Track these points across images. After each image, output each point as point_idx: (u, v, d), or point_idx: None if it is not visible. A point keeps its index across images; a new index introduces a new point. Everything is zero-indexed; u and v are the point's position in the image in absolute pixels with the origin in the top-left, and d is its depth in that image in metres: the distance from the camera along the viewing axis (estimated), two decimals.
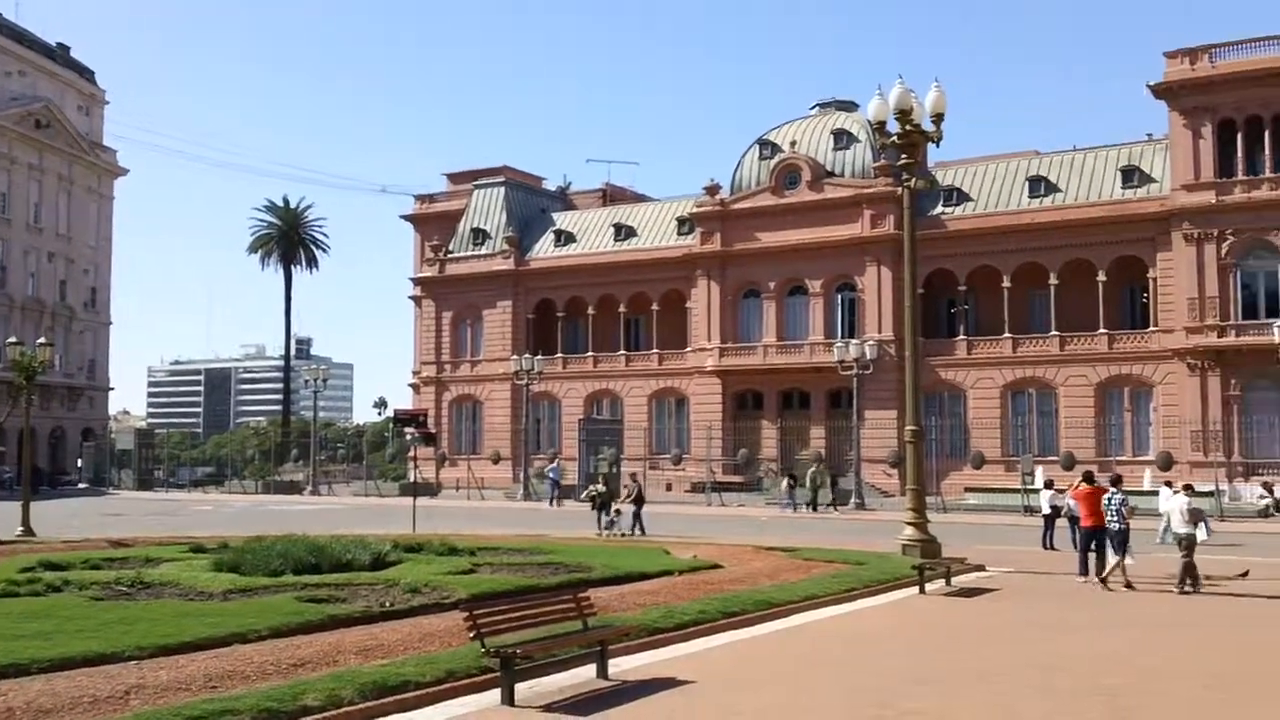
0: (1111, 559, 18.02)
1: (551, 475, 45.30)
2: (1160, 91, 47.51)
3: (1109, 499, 18.25)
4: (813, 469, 41.87)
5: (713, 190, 58.70)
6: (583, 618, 10.59)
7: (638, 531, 28.21)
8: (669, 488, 52.42)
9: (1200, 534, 17.49)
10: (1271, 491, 36.61)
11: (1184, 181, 46.90)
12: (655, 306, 60.42)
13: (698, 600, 14.33)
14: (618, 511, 29.19)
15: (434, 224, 71.72)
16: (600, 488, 30.63)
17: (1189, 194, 46.65)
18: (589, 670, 10.32)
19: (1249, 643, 13.05)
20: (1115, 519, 18.00)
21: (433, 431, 64.91)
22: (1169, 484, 19.96)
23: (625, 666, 10.84)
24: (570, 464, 52.50)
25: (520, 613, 10.16)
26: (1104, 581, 17.77)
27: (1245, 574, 18.64)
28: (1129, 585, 17.71)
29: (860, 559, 19.78)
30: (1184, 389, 46.38)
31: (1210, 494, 36.83)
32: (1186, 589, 17.13)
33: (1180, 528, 17.61)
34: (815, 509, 39.91)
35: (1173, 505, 18.08)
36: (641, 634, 11.98)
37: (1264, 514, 34.54)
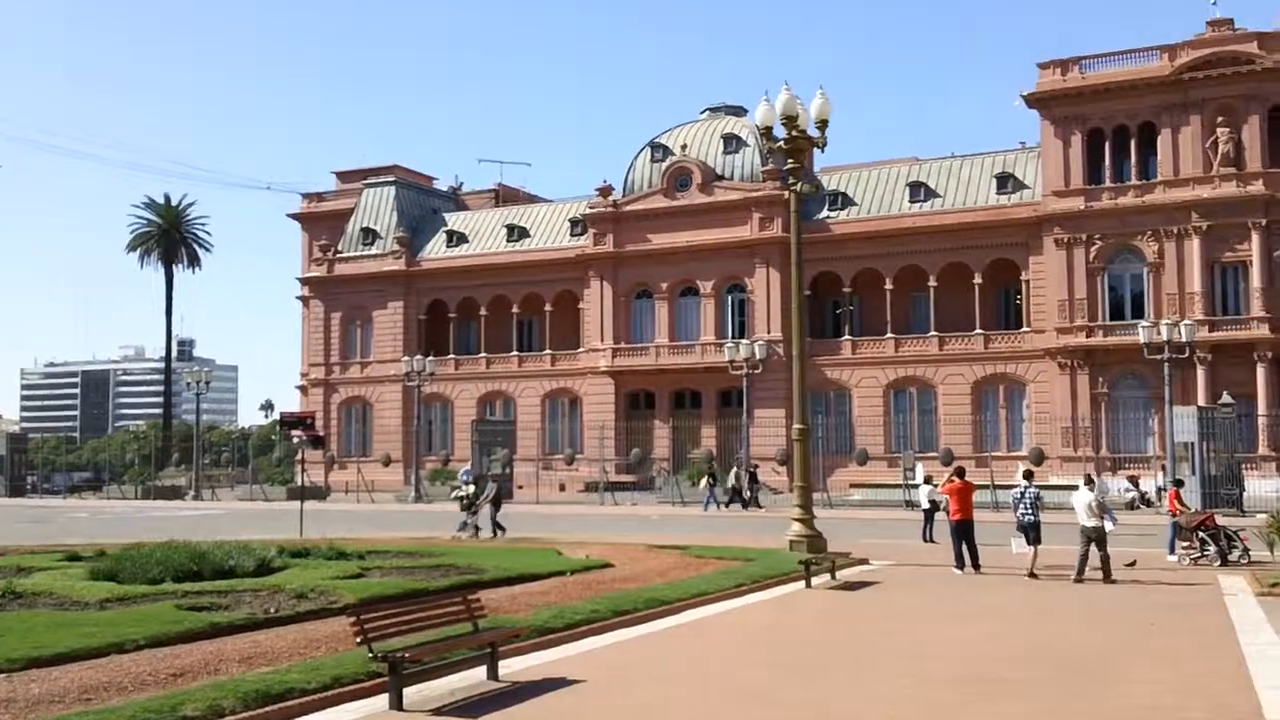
0: (1024, 548, 18.78)
1: (463, 478, 44.29)
2: (1033, 101, 49.41)
3: (1022, 493, 19.15)
4: (736, 469, 42.43)
5: (605, 192, 59.02)
6: (473, 620, 10.69)
7: (498, 534, 27.59)
8: (562, 488, 52.56)
9: (1107, 525, 18.39)
10: (1137, 485, 38.33)
11: (1055, 188, 48.84)
12: (548, 307, 60.48)
13: (589, 600, 14.53)
14: (473, 511, 28.54)
15: (322, 223, 70.52)
16: (468, 489, 29.60)
17: (1059, 200, 48.62)
18: (480, 672, 10.41)
19: (1116, 628, 13.78)
20: (1029, 512, 18.89)
21: (320, 434, 63.84)
22: (1089, 479, 21.15)
23: (516, 667, 10.97)
24: (462, 465, 52.16)
25: (409, 616, 10.19)
26: (1032, 574, 18.44)
27: (1133, 563, 19.57)
28: (1032, 575, 18.45)
29: (749, 555, 20.20)
30: (1055, 387, 48.31)
31: (1075, 488, 38.43)
32: (1112, 580, 17.87)
33: (1088, 521, 18.35)
34: (745, 506, 40.31)
35: (1080, 500, 18.86)
36: (532, 635, 12.12)
37: (1131, 506, 36.16)
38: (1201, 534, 20.53)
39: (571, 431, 59.50)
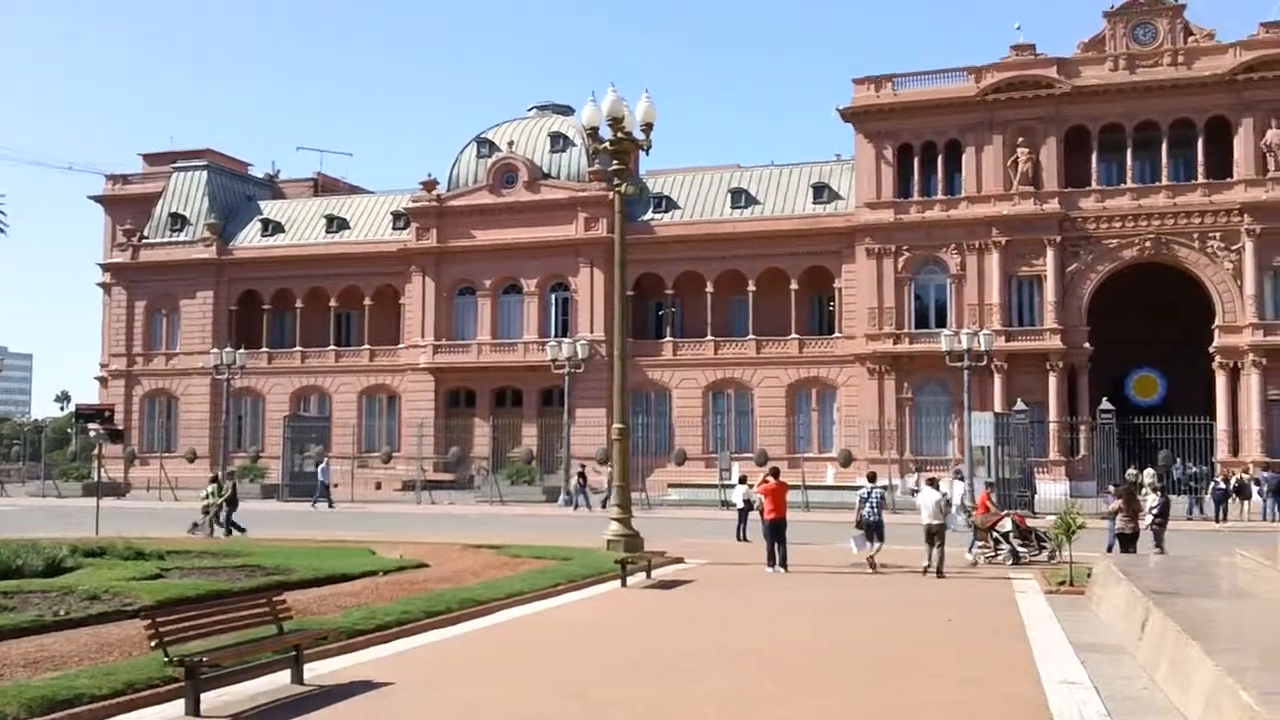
0: (867, 547, 19.79)
1: (321, 477, 42.60)
2: (848, 115, 51.25)
3: (869, 493, 20.22)
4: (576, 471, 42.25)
5: (430, 185, 58.14)
6: (278, 622, 10.34)
7: (234, 533, 26.70)
8: (379, 486, 51.49)
9: (952, 524, 19.32)
10: (937, 485, 40.18)
11: (867, 200, 50.81)
12: (368, 301, 59.14)
13: (401, 600, 14.26)
14: (204, 512, 27.60)
15: (127, 207, 67.02)
16: (218, 492, 28.16)
17: (871, 212, 50.60)
18: (284, 676, 10.08)
19: (918, 624, 14.39)
20: (874, 512, 19.91)
21: (120, 428, 60.50)
22: (924, 479, 22.54)
23: (322, 671, 10.67)
24: (274, 462, 50.54)
25: (210, 619, 9.78)
26: (872, 565, 19.48)
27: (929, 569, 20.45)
28: (873, 567, 19.48)
29: (567, 555, 20.22)
30: (864, 391, 50.25)
31: (885, 488, 40.05)
32: (943, 574, 18.85)
33: (933, 519, 19.25)
34: (605, 506, 39.57)
35: (924, 499, 19.82)
36: (340, 636, 11.81)
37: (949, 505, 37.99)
38: (995, 534, 21.68)
39: (389, 429, 58.36)
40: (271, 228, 62.53)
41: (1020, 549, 21.20)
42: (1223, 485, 33.18)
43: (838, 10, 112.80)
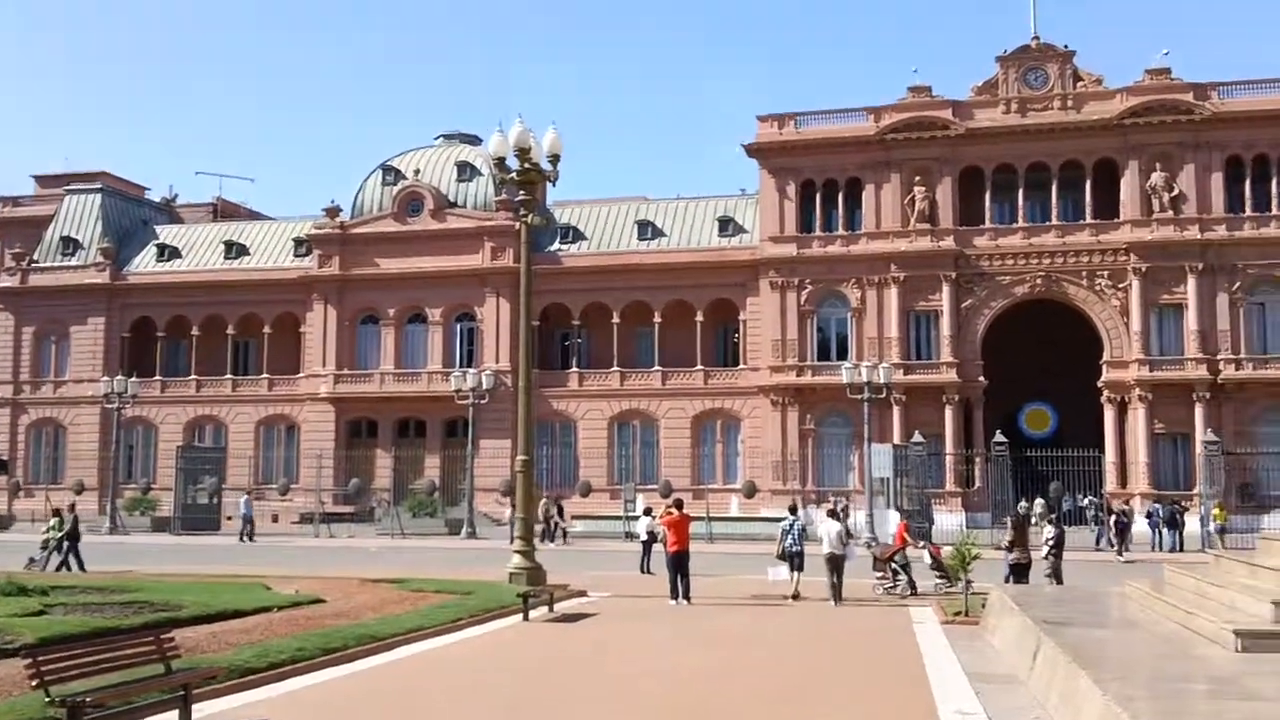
0: (783, 575, 20.53)
1: (244, 510, 41.49)
2: (753, 151, 52.08)
3: (790, 525, 20.73)
4: (544, 501, 41.58)
5: (333, 212, 57.39)
6: (165, 660, 10.01)
7: (75, 569, 25.85)
8: (275, 519, 50.22)
9: (851, 554, 20.35)
10: (837, 517, 40.71)
11: (771, 234, 51.58)
12: (267, 329, 57.97)
13: (296, 637, 13.91)
14: (43, 547, 26.78)
15: (17, 229, 64.86)
16: (59, 526, 27.21)
17: (775, 245, 51.37)
18: (172, 717, 9.75)
19: (816, 655, 14.52)
20: (796, 543, 20.42)
21: (5, 458, 58.44)
22: (826, 510, 23.38)
23: (211, 711, 10.36)
24: (166, 495, 49.08)
25: (95, 657, 9.42)
26: (795, 595, 20.00)
27: (795, 595, 20.61)
28: (795, 597, 19.92)
29: (468, 589, 19.94)
30: (767, 422, 50.78)
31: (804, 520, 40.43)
32: (842, 599, 19.55)
33: (833, 549, 19.90)
34: (553, 540, 38.33)
35: (826, 529, 20.40)
36: (231, 675, 11.47)
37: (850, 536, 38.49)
38: (894, 564, 22.01)
39: (288, 460, 57.10)
40: (168, 253, 60.99)
41: (938, 580, 21.63)
42: (1125, 518, 33.85)
43: (743, 47, 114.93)
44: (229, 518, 45.14)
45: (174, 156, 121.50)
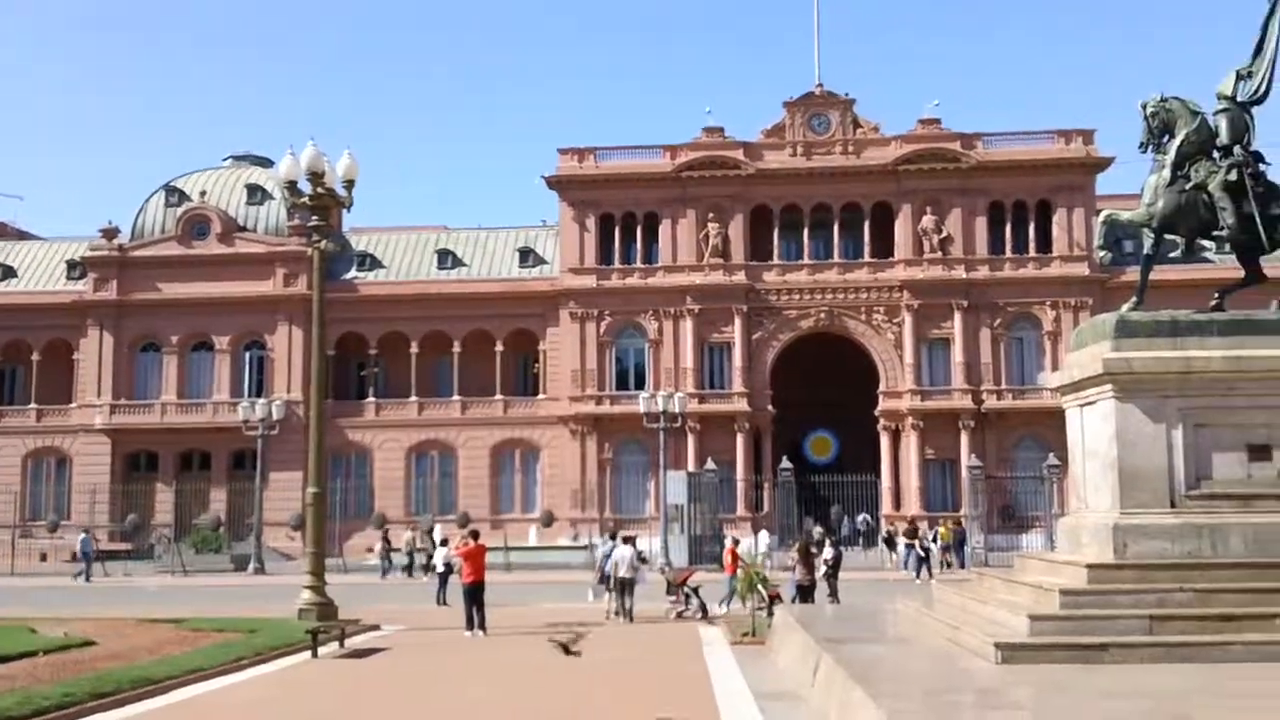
0: (602, 598, 21.94)
1: (84, 548, 38.46)
2: (553, 183, 52.61)
3: (610, 550, 22.16)
4: (409, 534, 40.16)
5: (110, 234, 54.47)
6: None
7: None
8: (44, 558, 47.01)
9: (642, 578, 21.68)
10: (632, 543, 41.32)
11: (571, 265, 52.15)
12: (36, 356, 54.33)
13: (64, 682, 13.13)
14: None
15: None
16: None
17: (575, 277, 51.94)
18: None
19: (609, 681, 14.75)
20: (629, 571, 21.25)
21: None
22: (621, 536, 24.35)
23: None
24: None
25: None
26: (629, 617, 21.13)
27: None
28: (630, 618, 21.13)
29: (254, 626, 19.28)
30: (566, 451, 51.10)
31: (585, 547, 40.83)
32: (629, 620, 20.92)
33: (625, 573, 21.13)
34: (410, 573, 37.61)
35: (620, 554, 21.54)
36: None
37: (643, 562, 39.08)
38: (686, 589, 22.59)
39: (59, 495, 53.50)
40: None
41: (670, 603, 22.59)
42: (925, 549, 34.91)
43: (544, 80, 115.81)
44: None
45: None
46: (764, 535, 31.11)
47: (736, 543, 24.99)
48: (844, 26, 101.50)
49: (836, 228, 51.50)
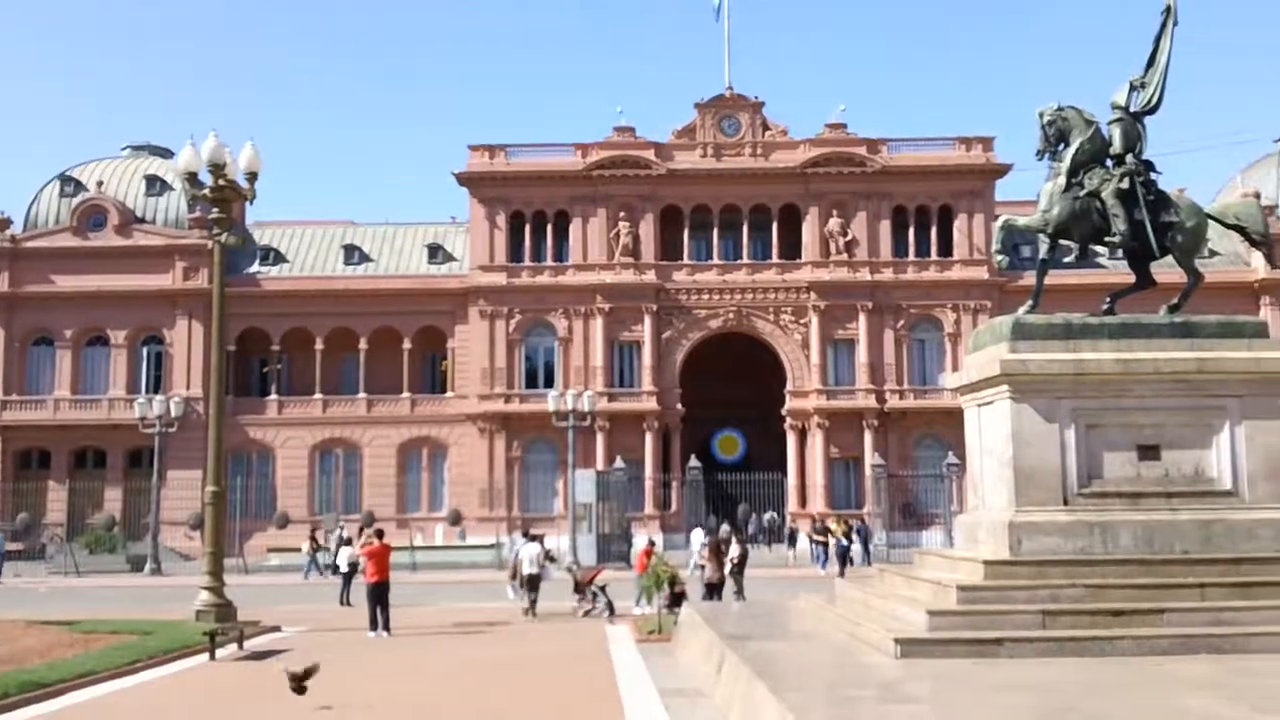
0: (523, 597, 22.03)
1: None
2: (463, 180, 52.19)
3: (524, 548, 22.50)
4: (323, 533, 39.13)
5: (2, 224, 52.59)
6: None
7: None
8: None
9: (549, 575, 22.29)
10: (540, 540, 41.23)
11: (481, 263, 51.79)
12: None
13: None
14: None
15: None
16: None
17: (484, 274, 51.60)
18: None
19: (514, 680, 14.68)
20: (535, 567, 22.02)
21: None
22: (529, 533, 25.30)
23: None
24: None
25: None
26: (533, 614, 21.53)
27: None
28: (535, 614, 21.54)
29: (150, 628, 18.82)
30: (475, 450, 50.74)
31: (493, 546, 40.64)
32: (536, 614, 21.51)
33: (532, 569, 21.72)
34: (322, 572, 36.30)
35: (527, 552, 22.27)
36: None
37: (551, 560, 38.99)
38: (593, 588, 22.60)
39: None
40: None
41: (577, 602, 22.74)
42: (845, 541, 34.88)
43: (455, 76, 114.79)
44: None
45: None
46: (698, 534, 31.25)
47: (653, 543, 25.10)
48: (755, 30, 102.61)
49: (746, 229, 51.98)
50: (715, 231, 52.07)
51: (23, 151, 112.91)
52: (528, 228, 52.11)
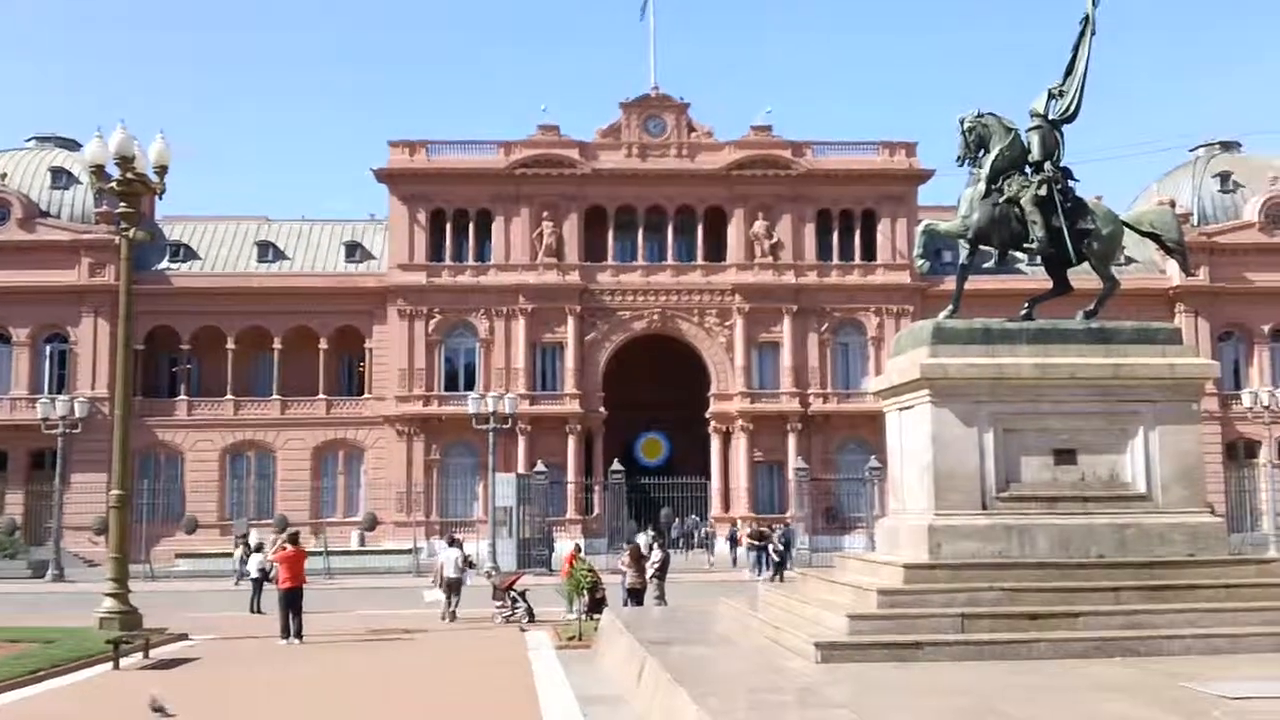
0: (439, 598, 22.45)
1: None
2: (383, 176, 51.39)
3: (447, 554, 22.91)
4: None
5: None
6: None
7: None
8: None
9: (467, 579, 22.71)
10: (460, 545, 40.75)
11: (400, 261, 51.05)
12: None
13: None
14: None
15: None
16: None
17: (404, 273, 50.88)
18: None
19: (434, 687, 14.37)
20: (456, 571, 22.25)
21: None
22: (448, 537, 26.61)
23: None
24: None
25: None
26: (452, 618, 21.86)
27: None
28: (453, 619, 21.84)
29: (51, 636, 18.24)
30: (392, 453, 49.98)
31: (410, 551, 40.07)
32: (456, 617, 21.84)
33: (452, 573, 22.08)
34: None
35: (447, 556, 22.77)
36: None
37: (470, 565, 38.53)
38: (513, 593, 22.32)
39: None
40: None
41: (497, 609, 22.68)
42: (781, 546, 34.32)
43: (374, 73, 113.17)
44: None
45: None
46: (643, 537, 31.19)
47: (579, 548, 24.89)
48: (681, 30, 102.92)
49: (670, 230, 52.01)
50: (640, 233, 52.01)
51: None
52: (449, 226, 51.49)
